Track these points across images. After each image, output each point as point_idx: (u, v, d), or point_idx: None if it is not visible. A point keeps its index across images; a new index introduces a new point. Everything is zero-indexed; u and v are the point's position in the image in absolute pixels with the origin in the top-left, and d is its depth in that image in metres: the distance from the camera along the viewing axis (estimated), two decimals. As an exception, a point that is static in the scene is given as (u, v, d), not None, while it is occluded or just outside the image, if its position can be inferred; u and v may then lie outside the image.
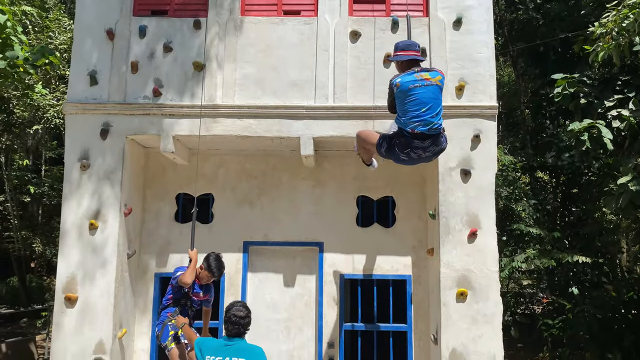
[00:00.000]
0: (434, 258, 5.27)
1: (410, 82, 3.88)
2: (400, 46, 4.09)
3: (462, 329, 4.93)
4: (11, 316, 13.51)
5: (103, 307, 4.95)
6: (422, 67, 4.01)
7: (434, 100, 3.89)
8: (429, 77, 3.90)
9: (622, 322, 9.58)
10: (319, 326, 5.53)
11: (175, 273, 4.69)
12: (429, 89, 3.88)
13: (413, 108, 3.86)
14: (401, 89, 3.90)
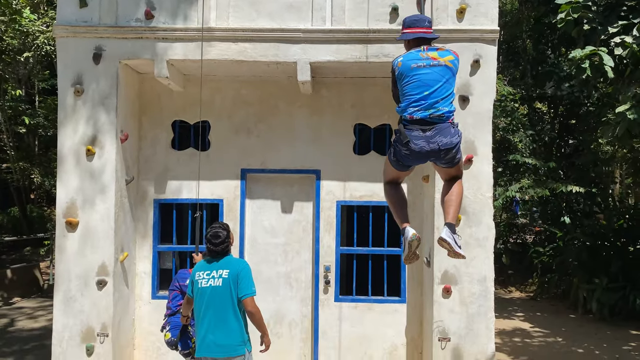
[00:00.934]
0: (429, 185, 5.33)
1: (414, 60, 3.30)
2: (406, 22, 3.47)
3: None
4: (14, 244, 13.78)
5: (104, 231, 5.05)
6: (431, 45, 3.40)
7: (441, 84, 3.27)
8: (438, 57, 3.30)
9: (611, 249, 9.87)
10: (316, 250, 5.68)
11: (180, 279, 4.66)
12: (435, 69, 3.27)
13: (414, 91, 3.27)
14: (402, 69, 3.31)
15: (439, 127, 3.26)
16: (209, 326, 3.84)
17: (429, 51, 3.32)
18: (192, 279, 4.02)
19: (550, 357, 6.92)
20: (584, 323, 8.84)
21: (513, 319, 9.27)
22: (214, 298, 3.85)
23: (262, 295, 5.16)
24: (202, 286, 3.89)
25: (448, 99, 3.30)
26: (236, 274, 3.88)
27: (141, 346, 5.63)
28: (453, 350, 5.03)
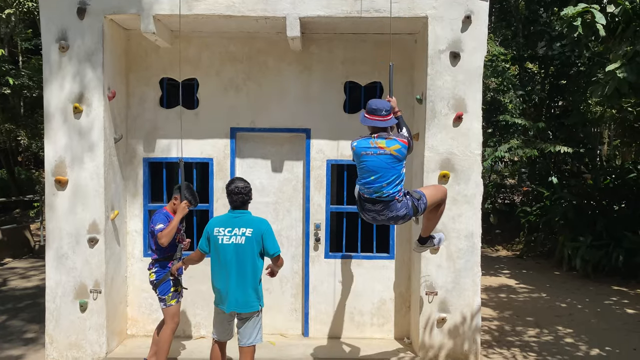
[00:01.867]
0: (419, 143, 5.35)
1: (364, 148, 3.90)
2: (368, 108, 3.96)
3: (443, 208, 5.13)
4: (3, 206, 13.73)
5: (93, 190, 5.04)
6: (381, 134, 3.90)
7: (385, 170, 3.84)
8: (384, 146, 3.84)
9: (596, 208, 10.04)
10: (306, 208, 5.72)
11: (155, 222, 4.54)
12: (381, 157, 3.84)
13: (364, 175, 3.93)
14: (355, 153, 3.95)
15: (386, 204, 3.91)
16: (236, 282, 4.04)
17: (378, 139, 3.86)
18: (209, 234, 4.15)
19: (534, 311, 7.12)
20: (568, 279, 9.07)
21: (499, 276, 9.48)
22: (237, 255, 4.03)
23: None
24: (223, 242, 4.05)
25: (393, 182, 3.87)
26: (260, 233, 4.07)
27: (134, 303, 5.71)
28: (440, 303, 5.16)
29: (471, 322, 5.14)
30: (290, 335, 5.82)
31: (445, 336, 5.16)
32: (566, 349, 5.64)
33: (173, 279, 4.62)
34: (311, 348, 5.41)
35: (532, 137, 11.48)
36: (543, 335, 6.09)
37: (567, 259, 9.58)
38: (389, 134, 3.91)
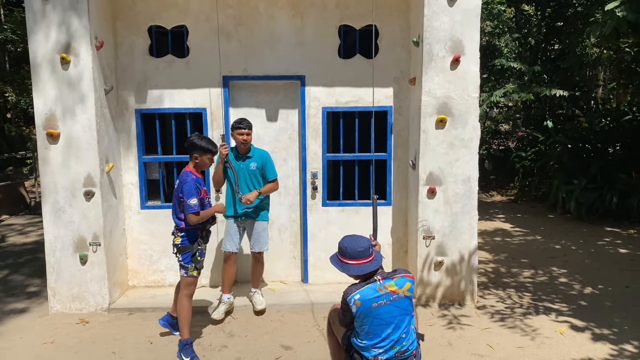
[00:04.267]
0: (416, 87, 5.27)
1: (372, 300, 3.00)
2: (351, 252, 3.08)
3: (439, 153, 5.12)
4: (-4, 164, 13.62)
5: (87, 142, 4.96)
6: (382, 273, 3.10)
7: (402, 317, 3.06)
8: (396, 289, 3.04)
9: (591, 151, 10.05)
10: (303, 157, 5.69)
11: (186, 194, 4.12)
12: (395, 303, 3.04)
13: (377, 331, 3.03)
14: (362, 309, 3.00)
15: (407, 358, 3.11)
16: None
17: (385, 282, 3.04)
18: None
19: (529, 253, 7.24)
20: (562, 222, 9.19)
21: (494, 220, 9.59)
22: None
23: (250, 201, 5.24)
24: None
25: (410, 330, 3.12)
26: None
27: (134, 255, 5.75)
28: (437, 247, 5.22)
29: (468, 262, 5.22)
30: (290, 282, 5.91)
31: (442, 277, 5.25)
32: (560, 288, 5.77)
33: (199, 250, 4.30)
34: (310, 294, 5.51)
35: (528, 81, 11.36)
36: (538, 276, 6.21)
37: (562, 202, 9.67)
38: (388, 271, 3.17)
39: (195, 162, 4.27)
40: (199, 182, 4.21)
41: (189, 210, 4.09)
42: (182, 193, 4.16)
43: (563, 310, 5.08)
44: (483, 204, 11.08)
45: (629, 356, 4.10)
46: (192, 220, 4.12)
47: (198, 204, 4.12)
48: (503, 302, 5.37)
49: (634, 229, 8.50)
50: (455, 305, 5.27)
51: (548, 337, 4.48)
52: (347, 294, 3.04)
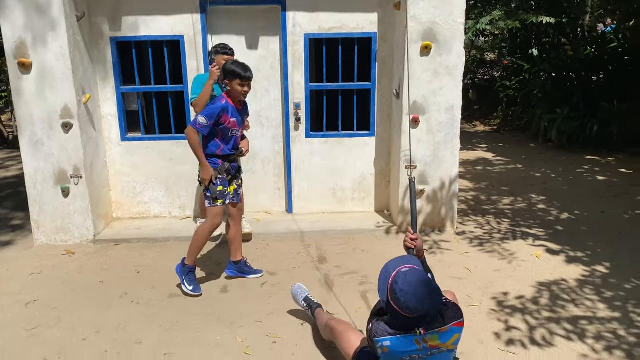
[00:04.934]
0: (401, 12, 5.11)
1: (407, 352, 2.38)
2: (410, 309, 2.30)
3: (424, 81, 5.06)
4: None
5: (61, 72, 4.80)
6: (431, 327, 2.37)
7: None
8: (438, 344, 2.40)
9: (575, 80, 10.02)
10: (285, 87, 5.58)
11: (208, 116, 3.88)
12: (434, 358, 2.43)
13: None
14: (389, 357, 2.42)
15: None
16: None
17: (427, 335, 2.36)
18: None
19: (509, 181, 7.37)
20: (543, 151, 9.31)
21: (476, 150, 9.68)
22: None
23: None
24: None
25: None
26: None
27: (116, 187, 5.73)
28: (419, 176, 5.28)
29: (449, 190, 5.31)
30: (274, 212, 5.98)
31: (423, 205, 5.35)
32: (538, 214, 5.92)
33: (221, 178, 4.03)
34: (295, 223, 5.59)
35: (515, 9, 11.10)
36: (517, 203, 6.36)
37: (543, 131, 9.75)
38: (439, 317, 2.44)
39: (227, 88, 4.00)
40: (225, 108, 3.90)
41: (192, 123, 3.87)
42: None
43: (540, 235, 5.25)
44: (466, 134, 11.13)
45: (600, 276, 4.29)
46: (188, 135, 3.86)
47: (206, 127, 3.85)
48: (482, 228, 5.52)
49: (613, 156, 8.66)
50: (436, 231, 5.40)
51: (524, 261, 4.65)
52: (374, 334, 2.41)
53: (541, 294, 4.02)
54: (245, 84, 3.92)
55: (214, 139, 4.00)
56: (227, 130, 3.98)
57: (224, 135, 3.99)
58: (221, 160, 4.04)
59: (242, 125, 4.15)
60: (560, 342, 3.35)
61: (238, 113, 4.04)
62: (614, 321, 3.59)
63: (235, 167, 4.18)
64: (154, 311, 3.86)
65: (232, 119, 3.97)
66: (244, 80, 3.90)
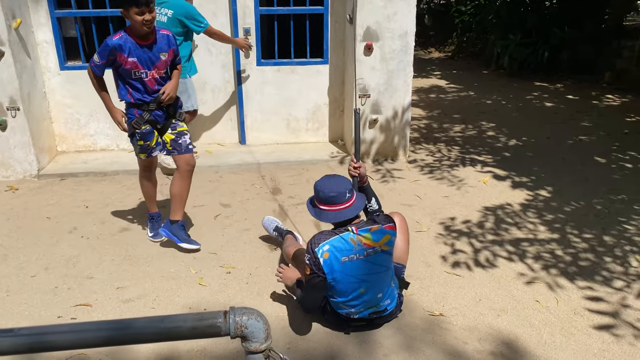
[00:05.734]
0: None
1: (342, 252, 2.56)
2: (323, 197, 2.64)
3: (377, 6, 4.91)
4: None
5: (-14, -6, 4.40)
6: (359, 224, 2.65)
7: (377, 275, 2.65)
8: (372, 243, 2.60)
9: (529, 5, 9.98)
10: (233, 11, 5.32)
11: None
12: (371, 259, 2.61)
13: (347, 289, 2.64)
14: (330, 262, 2.55)
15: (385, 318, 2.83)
16: None
17: (360, 234, 2.59)
18: None
19: (461, 109, 7.46)
20: (495, 78, 9.40)
21: (430, 77, 9.68)
22: None
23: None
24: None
25: (390, 290, 2.75)
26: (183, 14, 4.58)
27: (59, 119, 5.46)
28: (372, 105, 5.25)
29: (401, 119, 5.33)
30: (227, 144, 5.88)
31: (376, 134, 5.37)
32: (487, 141, 6.06)
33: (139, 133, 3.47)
34: (248, 154, 5.53)
35: None
36: (468, 131, 6.47)
37: (496, 57, 9.79)
38: (366, 221, 2.74)
39: (126, 20, 3.24)
40: (118, 46, 3.21)
41: (89, 62, 3.34)
42: None
43: (488, 162, 5.40)
44: (421, 61, 11.07)
45: (542, 200, 4.49)
46: (88, 75, 3.37)
47: (98, 66, 3.29)
48: (433, 155, 5.62)
49: (562, 83, 8.84)
50: (389, 160, 5.47)
51: (472, 187, 4.79)
52: (314, 244, 2.59)
53: (487, 218, 4.18)
54: (144, 10, 3.12)
55: (119, 82, 3.40)
56: (127, 72, 3.30)
57: (126, 78, 3.34)
58: (137, 110, 3.42)
59: (154, 64, 3.36)
60: (502, 262, 3.53)
61: (143, 50, 3.29)
62: (553, 242, 3.79)
63: (163, 115, 3.52)
64: (105, 245, 3.81)
65: (131, 59, 3.26)
66: (140, 6, 3.10)
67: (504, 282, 3.31)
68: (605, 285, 3.26)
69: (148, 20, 3.16)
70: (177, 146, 3.57)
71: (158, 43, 3.37)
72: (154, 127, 3.53)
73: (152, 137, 3.52)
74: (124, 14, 3.17)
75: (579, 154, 5.56)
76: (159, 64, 3.38)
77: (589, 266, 3.47)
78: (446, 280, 3.34)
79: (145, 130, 3.47)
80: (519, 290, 3.23)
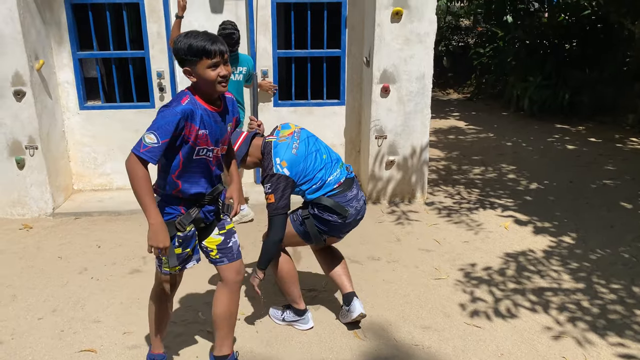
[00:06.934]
0: (371, -24, 4.92)
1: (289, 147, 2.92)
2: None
3: (394, 49, 4.91)
4: None
5: (10, 36, 4.50)
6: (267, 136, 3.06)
7: (316, 142, 3.06)
8: (288, 132, 3.03)
9: (548, 48, 9.96)
10: (252, 54, 5.37)
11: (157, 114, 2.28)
12: (305, 141, 3.00)
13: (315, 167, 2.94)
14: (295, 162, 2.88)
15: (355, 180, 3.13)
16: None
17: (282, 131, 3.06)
18: None
19: (481, 151, 7.35)
20: (515, 120, 9.31)
21: (449, 118, 9.62)
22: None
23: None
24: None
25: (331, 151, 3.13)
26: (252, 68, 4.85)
27: (76, 158, 5.50)
28: (389, 146, 5.19)
29: (419, 159, 5.24)
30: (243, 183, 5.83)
31: (393, 174, 5.28)
32: (508, 184, 5.92)
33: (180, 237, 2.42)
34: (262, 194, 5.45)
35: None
36: (487, 173, 6.34)
37: (516, 99, 9.73)
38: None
39: (190, 80, 2.27)
40: (189, 113, 2.22)
41: (134, 147, 2.17)
42: None
43: (509, 205, 5.25)
44: (439, 102, 11.06)
45: (566, 247, 4.31)
46: (129, 169, 2.17)
47: (157, 149, 2.15)
48: (452, 198, 5.49)
49: (583, 125, 8.70)
50: (405, 201, 5.35)
51: (492, 231, 4.64)
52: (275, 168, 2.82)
53: (508, 265, 4.01)
54: (218, 61, 2.21)
55: (170, 169, 2.34)
56: (190, 151, 2.30)
57: (185, 161, 2.32)
58: (184, 207, 2.43)
59: (222, 138, 2.43)
60: (524, 313, 3.35)
61: (214, 120, 2.34)
62: (578, 292, 3.60)
63: (214, 210, 2.55)
64: (115, 287, 3.73)
65: (202, 131, 2.29)
66: (214, 57, 2.20)
67: (527, 336, 3.12)
68: (637, 341, 3.05)
69: (224, 77, 2.26)
70: (226, 252, 2.58)
71: (225, 108, 2.44)
72: (197, 227, 2.52)
73: (194, 242, 2.53)
74: (190, 71, 2.24)
75: (604, 199, 5.38)
76: (226, 137, 2.47)
77: (619, 320, 3.27)
78: (466, 332, 3.17)
79: (189, 233, 2.45)
80: (543, 345, 3.04)
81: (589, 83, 8.85)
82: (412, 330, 3.17)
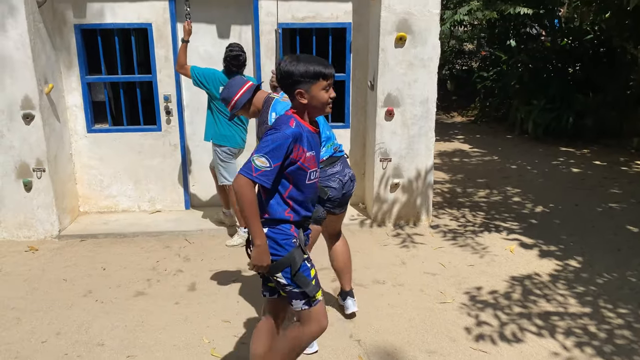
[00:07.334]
0: (375, 2, 5.01)
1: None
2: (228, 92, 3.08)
3: (398, 73, 4.97)
4: None
5: (21, 61, 4.59)
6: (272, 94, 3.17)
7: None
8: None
9: (552, 71, 10.04)
10: (258, 78, 5.45)
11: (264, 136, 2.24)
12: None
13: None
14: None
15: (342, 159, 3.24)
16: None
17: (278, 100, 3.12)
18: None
19: (485, 174, 7.36)
20: (519, 143, 9.33)
21: (453, 141, 9.66)
22: None
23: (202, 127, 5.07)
24: None
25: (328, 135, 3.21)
26: None
27: (83, 180, 5.54)
28: (394, 169, 5.21)
29: (424, 183, 5.25)
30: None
31: (398, 197, 5.28)
32: (513, 207, 5.91)
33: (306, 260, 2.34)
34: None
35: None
36: (492, 196, 6.34)
37: (520, 122, 9.77)
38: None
39: (301, 101, 2.24)
40: (298, 135, 2.20)
41: (244, 170, 2.16)
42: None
43: (514, 229, 5.23)
44: (443, 125, 11.11)
45: (572, 271, 4.28)
46: (239, 190, 2.15)
47: (270, 172, 2.15)
48: (457, 221, 5.48)
49: (587, 148, 8.71)
50: (410, 224, 5.35)
51: (497, 255, 4.62)
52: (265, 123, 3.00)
53: (514, 289, 3.98)
54: (331, 82, 2.26)
55: (276, 191, 2.28)
56: (302, 174, 2.27)
57: (298, 183, 2.28)
58: (295, 229, 2.34)
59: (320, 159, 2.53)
60: (530, 338, 3.32)
61: (315, 141, 2.33)
62: (585, 317, 3.57)
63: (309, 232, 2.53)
64: (119, 310, 3.73)
65: (309, 153, 2.27)
66: (329, 78, 2.24)
67: (534, 361, 3.09)
68: (645, 367, 3.01)
69: (333, 99, 2.29)
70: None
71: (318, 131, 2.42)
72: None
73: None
74: (303, 92, 2.21)
75: (610, 222, 5.36)
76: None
77: (626, 345, 3.23)
78: (472, 357, 3.14)
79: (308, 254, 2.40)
80: (550, 370, 3.00)
81: (592, 106, 8.89)
82: (418, 355, 3.14)
